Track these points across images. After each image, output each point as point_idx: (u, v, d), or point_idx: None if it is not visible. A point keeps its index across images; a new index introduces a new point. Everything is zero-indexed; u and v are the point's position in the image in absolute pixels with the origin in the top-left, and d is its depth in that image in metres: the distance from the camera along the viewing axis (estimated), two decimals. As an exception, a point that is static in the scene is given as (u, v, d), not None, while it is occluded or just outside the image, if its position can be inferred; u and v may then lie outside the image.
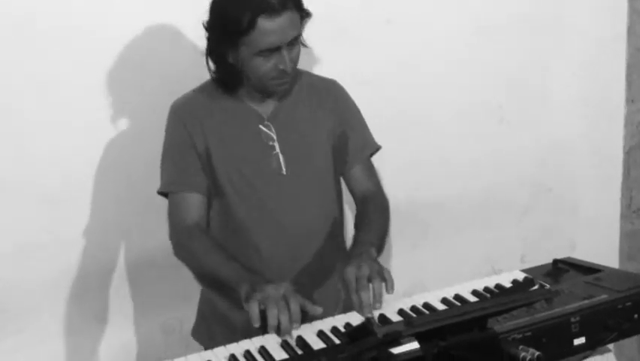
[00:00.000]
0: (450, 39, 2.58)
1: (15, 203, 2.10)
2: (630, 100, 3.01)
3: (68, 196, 2.15)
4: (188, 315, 2.07)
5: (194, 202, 1.83)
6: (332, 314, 1.63)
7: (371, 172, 1.97)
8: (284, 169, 1.84)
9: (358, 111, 1.98)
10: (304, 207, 1.87)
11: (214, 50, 1.78)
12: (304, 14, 1.77)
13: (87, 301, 2.25)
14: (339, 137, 1.92)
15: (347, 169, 1.95)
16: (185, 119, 1.84)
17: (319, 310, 1.56)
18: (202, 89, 1.90)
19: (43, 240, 2.14)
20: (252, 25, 1.66)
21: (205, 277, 1.88)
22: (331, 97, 1.94)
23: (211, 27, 1.76)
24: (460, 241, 2.76)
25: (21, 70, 2.04)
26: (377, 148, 1.99)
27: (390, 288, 1.59)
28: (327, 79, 1.99)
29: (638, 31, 2.96)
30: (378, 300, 1.58)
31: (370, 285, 1.57)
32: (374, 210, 1.88)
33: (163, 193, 1.88)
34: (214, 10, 1.74)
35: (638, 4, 2.93)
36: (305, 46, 1.84)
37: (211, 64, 1.82)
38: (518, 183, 2.84)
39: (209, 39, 1.78)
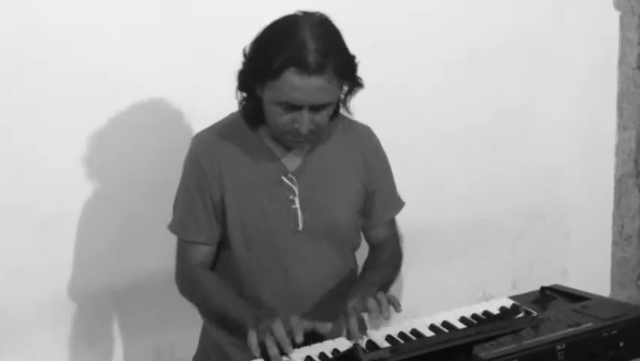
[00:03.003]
0: (439, 66, 2.59)
1: (8, 227, 2.10)
2: (622, 128, 3.04)
3: (61, 221, 2.16)
4: (179, 339, 2.07)
5: (204, 251, 1.78)
6: None
7: (392, 225, 1.93)
8: (300, 225, 1.75)
9: (388, 166, 1.90)
10: (316, 264, 1.79)
11: (244, 78, 1.69)
12: (353, 84, 1.68)
13: (78, 324, 2.24)
14: (368, 196, 1.85)
15: (371, 227, 1.90)
16: (203, 160, 1.74)
17: (328, 325, 1.54)
18: (227, 126, 1.79)
19: (35, 264, 2.14)
20: (278, 73, 1.55)
21: (213, 317, 1.80)
22: (364, 150, 1.84)
23: (248, 55, 1.66)
24: (451, 267, 2.77)
25: (17, 96, 2.05)
26: (402, 206, 1.93)
27: (397, 305, 1.57)
28: (362, 126, 1.88)
29: (630, 59, 3.00)
30: (385, 309, 1.55)
31: (360, 315, 1.57)
32: (387, 256, 1.85)
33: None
34: (257, 40, 1.64)
35: (629, 33, 2.97)
36: (348, 112, 1.77)
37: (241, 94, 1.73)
38: (510, 210, 2.85)
39: (243, 64, 1.68)
